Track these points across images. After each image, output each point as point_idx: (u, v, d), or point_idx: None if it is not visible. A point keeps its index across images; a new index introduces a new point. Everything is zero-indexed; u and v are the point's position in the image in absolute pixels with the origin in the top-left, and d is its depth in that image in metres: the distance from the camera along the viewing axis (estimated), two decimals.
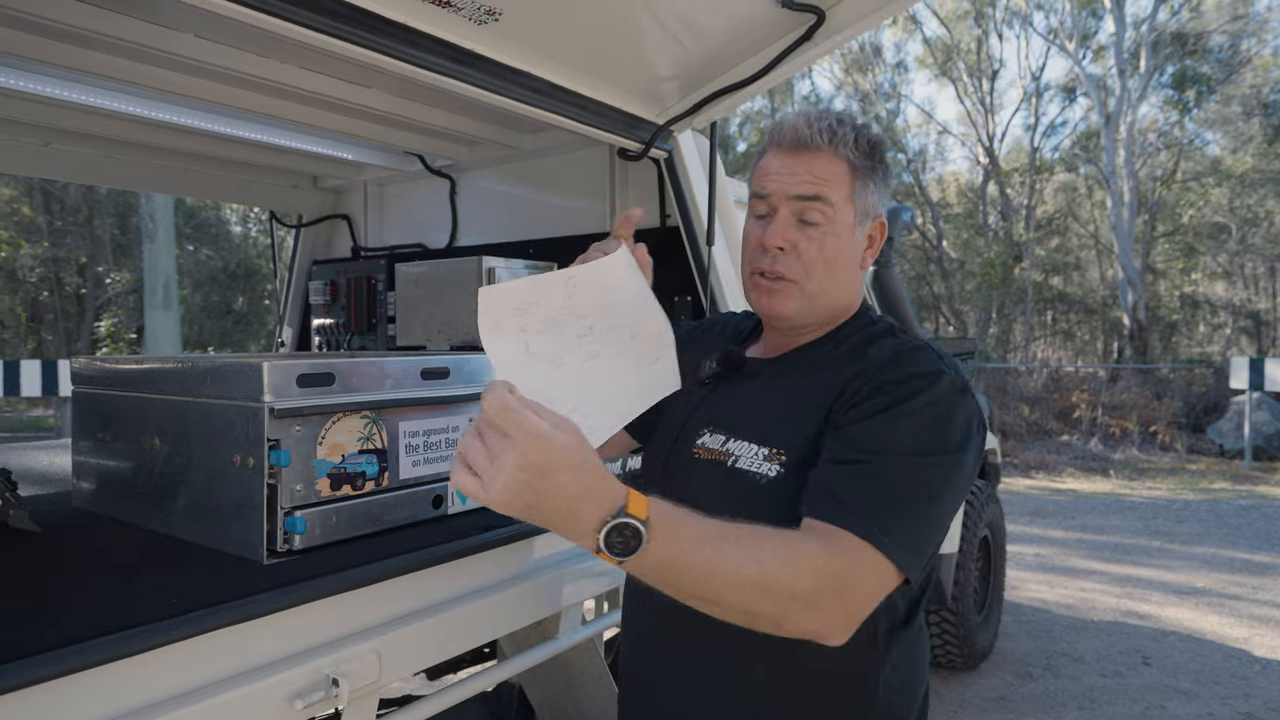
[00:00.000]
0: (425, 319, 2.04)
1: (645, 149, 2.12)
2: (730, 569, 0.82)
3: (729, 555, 0.82)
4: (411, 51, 1.51)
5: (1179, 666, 4.15)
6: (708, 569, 0.82)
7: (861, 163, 1.10)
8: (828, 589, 0.86)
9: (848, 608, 0.88)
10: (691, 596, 0.84)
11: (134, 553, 1.25)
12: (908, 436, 0.96)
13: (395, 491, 1.36)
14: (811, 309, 1.12)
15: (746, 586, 0.83)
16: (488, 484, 0.74)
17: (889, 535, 0.90)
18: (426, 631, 1.23)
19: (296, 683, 1.04)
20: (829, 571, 0.86)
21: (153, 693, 0.93)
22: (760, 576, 0.83)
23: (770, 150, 1.14)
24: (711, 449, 1.11)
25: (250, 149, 2.69)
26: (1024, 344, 18.79)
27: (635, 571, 0.81)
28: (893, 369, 1.02)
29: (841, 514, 0.90)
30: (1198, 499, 8.64)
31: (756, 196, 1.14)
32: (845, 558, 0.88)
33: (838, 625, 0.88)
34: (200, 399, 1.28)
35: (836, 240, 1.10)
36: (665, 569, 0.81)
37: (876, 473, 0.94)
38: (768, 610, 0.85)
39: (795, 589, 0.84)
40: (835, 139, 1.09)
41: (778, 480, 1.02)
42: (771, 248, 1.10)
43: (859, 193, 1.10)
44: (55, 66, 1.87)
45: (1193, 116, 18.14)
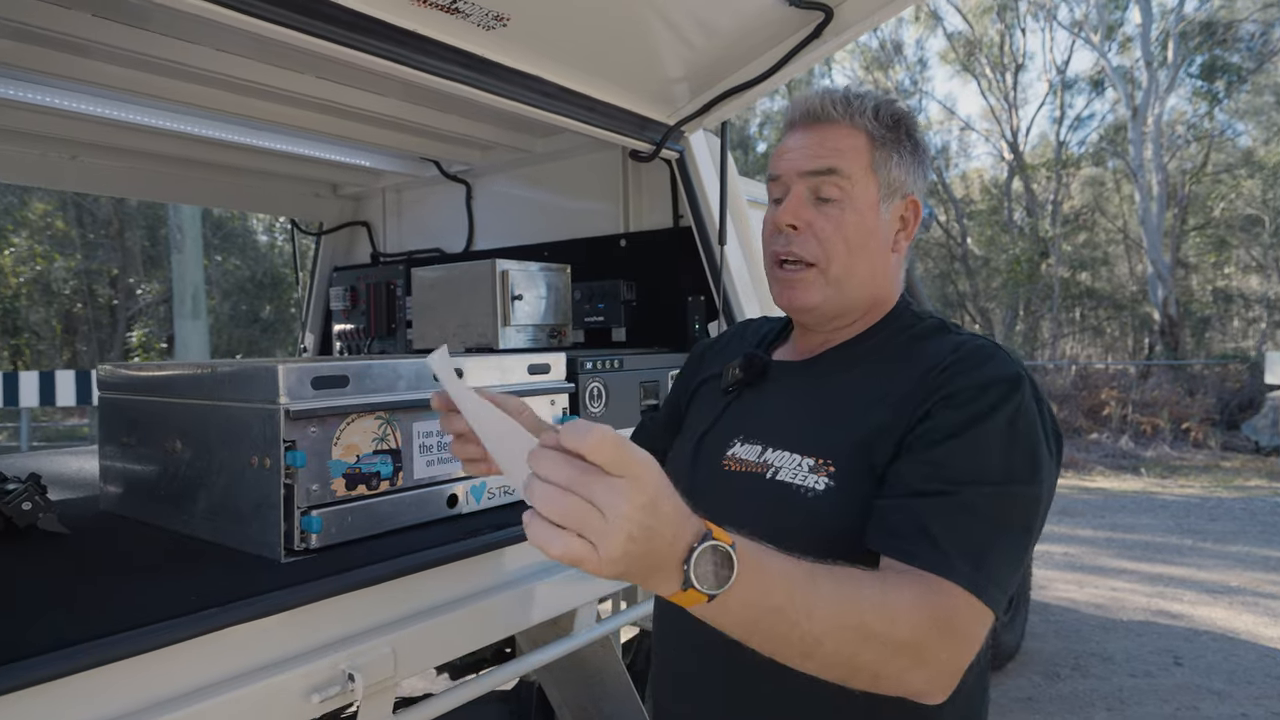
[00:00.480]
0: (441, 322, 2.07)
1: (656, 150, 2.13)
2: (826, 611, 0.72)
3: (825, 593, 0.73)
4: (422, 58, 1.54)
5: (1212, 666, 4.07)
6: (803, 608, 0.71)
7: (882, 134, 1.02)
8: (930, 640, 0.76)
9: (952, 662, 0.79)
10: (782, 643, 0.72)
11: (156, 553, 1.28)
12: (998, 460, 0.86)
13: (410, 491, 1.38)
14: (839, 297, 1.03)
15: (846, 633, 0.73)
16: (605, 542, 0.61)
17: (988, 578, 0.80)
18: (441, 628, 1.25)
19: (313, 677, 1.06)
20: (931, 620, 0.77)
21: (173, 686, 0.95)
22: (859, 622, 0.73)
23: (787, 132, 1.07)
24: (746, 460, 1.02)
25: (271, 158, 2.74)
26: (1051, 341, 18.54)
27: (717, 615, 0.69)
28: (964, 374, 0.91)
29: (938, 558, 0.80)
30: (1232, 497, 8.47)
31: (771, 179, 1.06)
32: (945, 606, 0.78)
33: (941, 682, 0.78)
34: (219, 402, 1.31)
35: (858, 217, 1.01)
36: (753, 607, 0.69)
37: (968, 505, 0.83)
38: (867, 661, 0.74)
39: (895, 638, 0.74)
40: (850, 109, 1.01)
41: (827, 494, 0.92)
42: (784, 227, 1.02)
43: (880, 164, 1.01)
44: (81, 82, 1.92)
45: (1223, 107, 17.80)
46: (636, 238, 2.46)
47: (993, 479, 0.85)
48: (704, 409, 1.17)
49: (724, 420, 1.10)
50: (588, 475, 0.62)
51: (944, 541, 0.81)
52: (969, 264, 20.20)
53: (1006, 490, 0.85)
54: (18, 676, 0.82)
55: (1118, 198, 20.27)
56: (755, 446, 1.02)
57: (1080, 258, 19.71)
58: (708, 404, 1.17)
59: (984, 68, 20.09)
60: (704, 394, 1.20)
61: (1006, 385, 0.90)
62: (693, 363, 1.29)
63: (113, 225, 16.22)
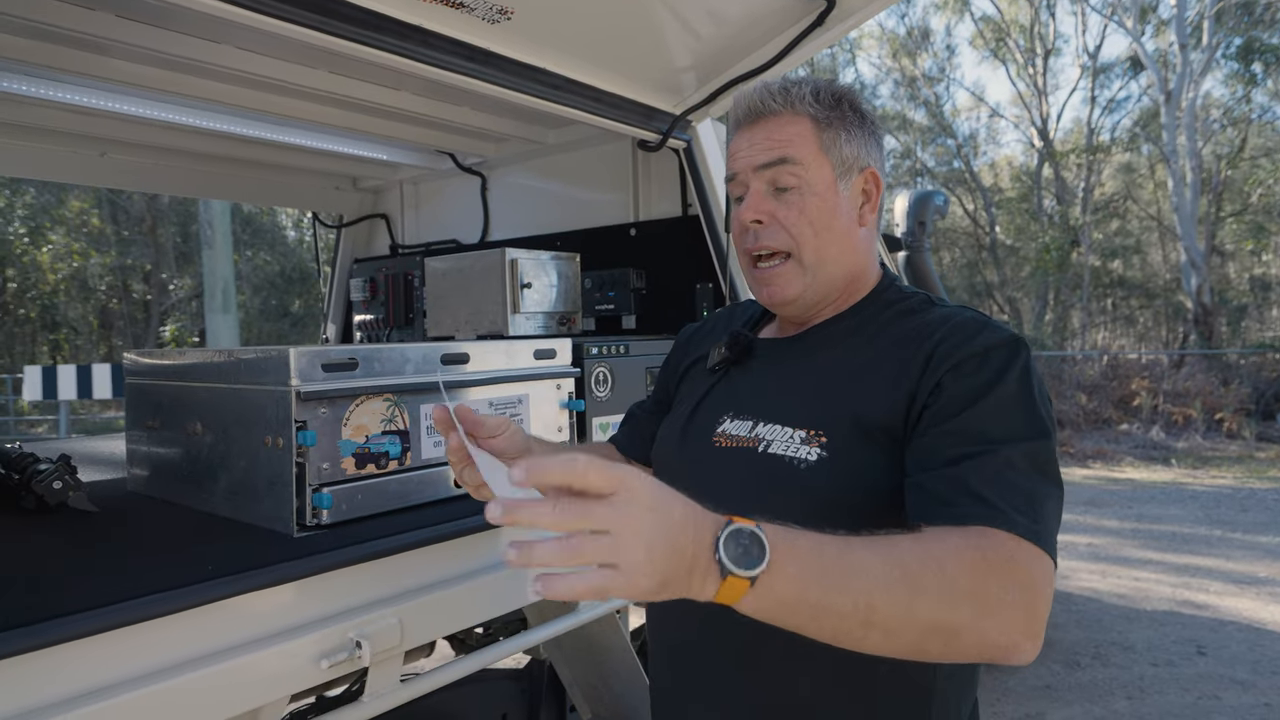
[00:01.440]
0: (454, 311, 2.12)
1: (663, 139, 2.17)
2: (872, 572, 0.71)
3: (862, 556, 0.72)
4: (429, 53, 1.59)
5: (1236, 656, 4.03)
6: (846, 573, 0.70)
7: (825, 114, 1.04)
8: (990, 584, 0.74)
9: (1029, 609, 0.75)
10: (837, 618, 0.70)
11: (177, 528, 1.34)
12: (1022, 418, 0.88)
13: (417, 471, 1.44)
14: (816, 283, 1.05)
15: (896, 590, 0.70)
16: (627, 559, 0.61)
17: (1045, 528, 0.80)
18: (447, 601, 1.31)
19: (323, 644, 1.12)
20: (985, 562, 0.75)
21: (188, 650, 1.01)
22: (904, 574, 0.71)
23: (734, 133, 1.08)
24: (737, 436, 1.03)
25: (292, 153, 2.82)
26: (1082, 331, 18.24)
27: (765, 602, 0.68)
28: (963, 344, 0.93)
29: (992, 513, 0.79)
30: (1265, 488, 8.30)
31: (729, 181, 1.09)
32: (1000, 551, 0.76)
33: (1022, 630, 0.74)
34: (236, 386, 1.37)
35: (818, 199, 1.03)
36: (797, 582, 0.68)
37: (1010, 462, 0.84)
38: (928, 616, 0.72)
39: (950, 585, 0.72)
40: (789, 97, 1.03)
41: (820, 464, 0.93)
42: (749, 223, 1.05)
43: (829, 145, 1.03)
44: (108, 81, 2.00)
45: (1264, 88, 17.33)
46: (646, 226, 2.50)
47: (1023, 435, 0.87)
48: (692, 389, 1.19)
49: (712, 398, 1.12)
50: (579, 505, 0.61)
51: (995, 498, 0.80)
52: (997, 253, 19.92)
53: (1036, 445, 0.86)
54: (39, 637, 0.88)
55: (1151, 184, 19.86)
56: (746, 422, 1.03)
57: (1112, 246, 19.35)
58: (695, 384, 1.19)
59: (1014, 53, 19.77)
60: (692, 375, 1.21)
61: (1007, 349, 0.92)
62: (679, 348, 1.31)
63: (146, 222, 16.58)
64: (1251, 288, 18.29)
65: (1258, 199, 17.43)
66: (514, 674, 2.07)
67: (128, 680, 0.96)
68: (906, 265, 3.56)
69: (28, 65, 1.86)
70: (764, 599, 0.68)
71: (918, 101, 21.38)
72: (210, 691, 1.02)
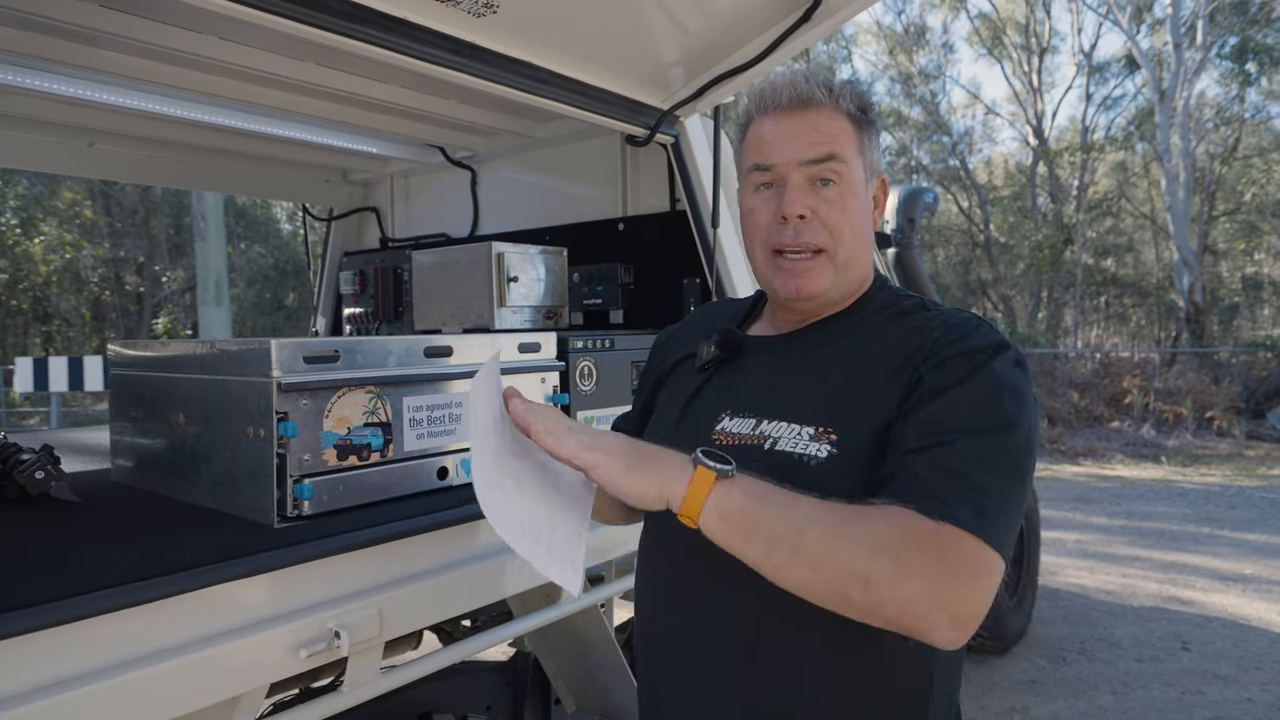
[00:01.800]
0: (440, 304, 2.13)
1: (651, 134, 2.17)
2: (808, 510, 0.80)
3: (805, 499, 0.82)
4: (414, 46, 1.59)
5: (1220, 652, 4.06)
6: (788, 503, 0.81)
7: (861, 118, 1.03)
8: (911, 550, 0.78)
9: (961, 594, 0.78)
10: (774, 543, 0.79)
11: (158, 519, 1.35)
12: (987, 409, 0.88)
13: (400, 463, 1.44)
14: (842, 280, 1.04)
15: (827, 529, 0.79)
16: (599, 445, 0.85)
17: (989, 521, 0.80)
18: (427, 592, 1.31)
19: (301, 634, 1.13)
20: (912, 531, 0.79)
21: (165, 638, 1.02)
22: (838, 521, 0.80)
23: (762, 116, 1.04)
24: (739, 434, 1.00)
25: (281, 145, 2.81)
26: (1074, 328, 18.31)
27: (721, 507, 0.81)
28: (953, 343, 0.94)
29: (936, 505, 0.80)
30: (1253, 485, 8.36)
31: (758, 169, 1.04)
32: (931, 528, 0.79)
33: (937, 601, 0.77)
34: (218, 377, 1.37)
35: (856, 200, 1.02)
36: (751, 496, 0.81)
37: (961, 453, 0.85)
38: (849, 560, 0.78)
39: (873, 538, 0.78)
40: (834, 92, 1.01)
41: (831, 461, 0.92)
42: (793, 217, 1.00)
43: (865, 147, 1.03)
44: (95, 71, 1.99)
45: (1259, 87, 17.38)
46: (634, 222, 2.50)
47: (982, 428, 0.87)
48: (679, 387, 1.16)
49: (704, 396, 1.09)
50: None
51: (939, 486, 0.82)
52: (991, 251, 19.97)
53: (995, 438, 0.87)
54: (16, 624, 0.88)
55: (1145, 183, 19.92)
56: (748, 420, 1.01)
57: (1105, 244, 19.41)
58: (682, 384, 1.16)
59: (1009, 50, 19.79)
60: (677, 375, 1.18)
61: (993, 349, 0.93)
62: (656, 353, 1.28)
63: (139, 214, 16.51)
64: (1243, 287, 18.37)
65: (1250, 198, 17.50)
66: (499, 666, 2.08)
67: (104, 668, 0.97)
68: (896, 262, 3.57)
69: (15, 55, 1.86)
70: (723, 500, 0.81)
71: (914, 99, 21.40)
72: (188, 680, 1.02)
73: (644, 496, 0.82)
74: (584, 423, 0.90)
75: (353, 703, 1.25)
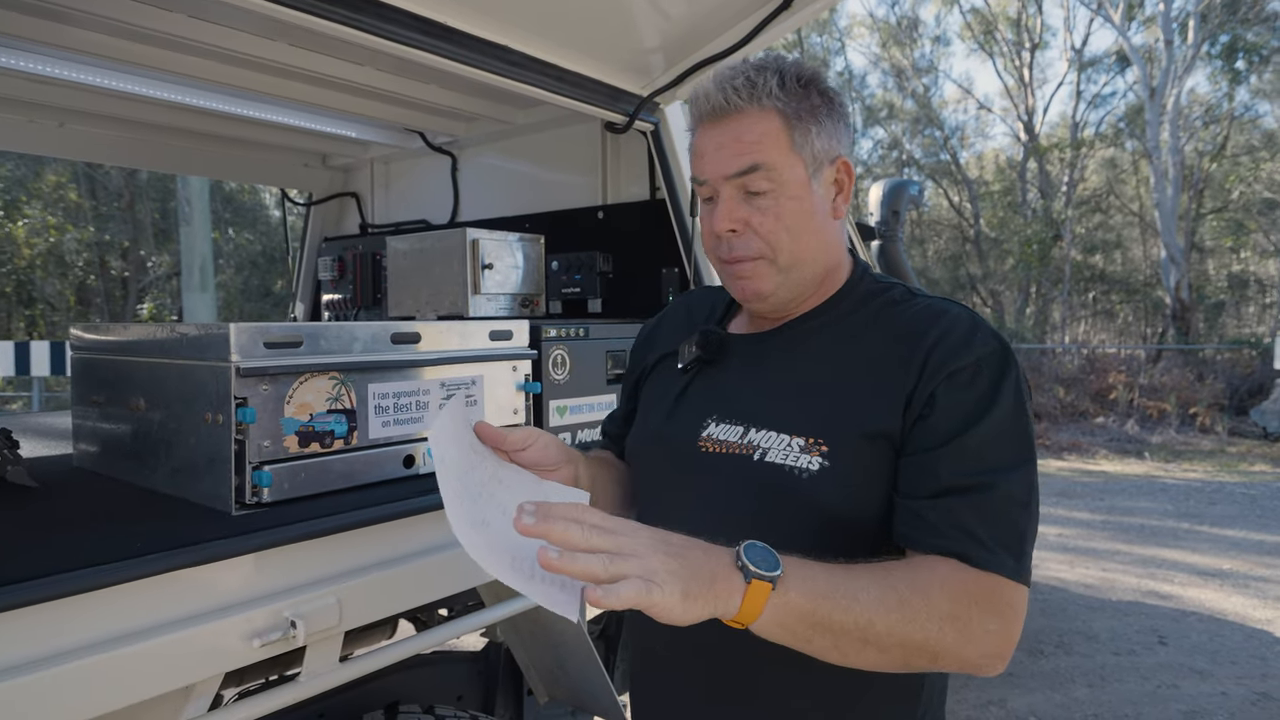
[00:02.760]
0: (415, 291, 2.10)
1: (630, 121, 2.14)
2: (869, 593, 0.77)
3: (862, 579, 0.78)
4: (384, 26, 1.56)
5: (1196, 646, 4.09)
6: (849, 592, 0.77)
7: (795, 107, 0.96)
8: (972, 613, 0.81)
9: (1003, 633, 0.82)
10: (840, 633, 0.77)
11: (114, 505, 1.32)
12: (1014, 444, 0.89)
13: (364, 450, 1.42)
14: (790, 281, 1.01)
15: (891, 612, 0.78)
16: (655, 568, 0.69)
17: (1025, 565, 0.86)
18: (390, 581, 1.29)
19: (255, 623, 1.11)
20: (967, 595, 0.81)
21: (115, 626, 1.00)
22: (899, 600, 0.78)
23: (698, 129, 1.01)
24: (727, 441, 0.99)
25: (259, 128, 2.77)
26: (1062, 324, 18.40)
27: (780, 614, 0.74)
28: (956, 351, 0.91)
29: (987, 556, 0.83)
30: (1234, 481, 8.43)
31: (695, 182, 1.03)
32: (982, 583, 0.83)
33: (996, 652, 0.82)
34: (177, 361, 1.34)
35: (793, 202, 0.97)
36: (809, 595, 0.75)
37: (1006, 497, 0.86)
38: (917, 637, 0.79)
39: (936, 610, 0.79)
40: (756, 92, 0.95)
41: (823, 474, 0.91)
42: (724, 233, 0.99)
43: (800, 141, 0.97)
44: (65, 49, 1.95)
45: (1248, 86, 17.45)
46: (614, 210, 2.48)
47: (1016, 463, 0.88)
48: (662, 388, 1.13)
49: (689, 399, 1.07)
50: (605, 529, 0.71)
51: (986, 537, 0.84)
52: (981, 246, 20.03)
53: (1026, 471, 0.88)
54: None
55: (1134, 179, 20.00)
56: (735, 427, 0.99)
57: (1093, 240, 19.50)
58: (665, 383, 1.13)
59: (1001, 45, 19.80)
60: (660, 373, 1.16)
61: (999, 359, 0.92)
62: (638, 351, 1.25)
63: (124, 198, 16.33)
64: (1229, 284, 18.51)
65: (1238, 196, 17.60)
66: (470, 656, 2.06)
67: (50, 656, 0.95)
68: (880, 254, 3.56)
69: None
70: (780, 608, 0.74)
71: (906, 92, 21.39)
72: (138, 668, 1.00)
73: (697, 619, 0.73)
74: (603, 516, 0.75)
75: (312, 692, 1.23)
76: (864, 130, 22.52)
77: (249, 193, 17.87)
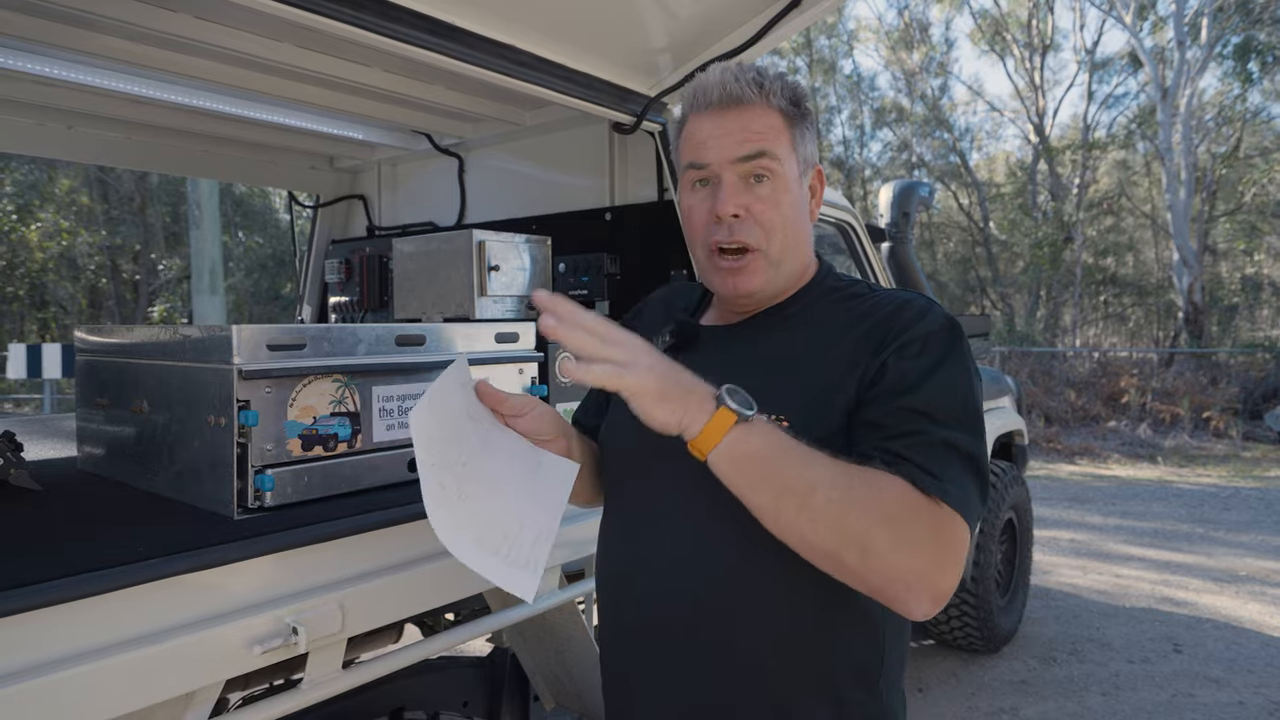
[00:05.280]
0: (421, 293, 2.08)
1: (638, 122, 2.12)
2: (823, 465, 0.83)
3: (821, 455, 0.84)
4: (389, 25, 1.54)
5: (1212, 654, 4.04)
6: (804, 456, 0.83)
7: (793, 111, 1.04)
8: (915, 528, 0.83)
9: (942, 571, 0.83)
10: (784, 490, 0.83)
11: (117, 509, 1.31)
12: (959, 406, 0.93)
13: (369, 454, 1.40)
14: (778, 276, 1.05)
15: (836, 489, 0.82)
16: (638, 361, 0.81)
17: (974, 502, 0.87)
18: (392, 587, 1.28)
19: (255, 629, 1.09)
20: (916, 509, 0.83)
21: (115, 632, 0.98)
22: (848, 482, 0.83)
23: (695, 115, 1.05)
24: None
25: (266, 130, 2.76)
26: (1073, 327, 18.27)
27: (736, 450, 0.82)
28: (908, 326, 0.97)
29: (933, 483, 0.85)
30: (1249, 486, 8.34)
31: (692, 167, 1.05)
32: (932, 509, 0.84)
33: (930, 586, 0.82)
34: (180, 364, 1.33)
35: (790, 195, 1.03)
36: (767, 440, 0.83)
37: (947, 444, 0.89)
38: (854, 525, 0.81)
39: (880, 506, 0.82)
40: (765, 89, 1.02)
41: None
42: (726, 217, 1.02)
43: (797, 141, 1.04)
44: (75, 52, 1.95)
45: (1260, 88, 17.30)
46: (622, 211, 2.46)
47: (962, 424, 0.92)
48: None
49: None
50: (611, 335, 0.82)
51: (933, 466, 0.87)
52: (991, 248, 19.92)
53: (968, 431, 0.92)
54: None
55: (1146, 181, 19.86)
56: None
57: (1105, 243, 19.36)
58: None
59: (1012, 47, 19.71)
60: None
61: (947, 334, 0.97)
62: None
63: (136, 201, 16.43)
64: (1243, 287, 18.33)
65: (1251, 199, 17.44)
66: (476, 662, 2.04)
67: (51, 662, 0.93)
68: (890, 256, 3.52)
69: None
70: (737, 444, 0.83)
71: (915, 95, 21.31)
72: (137, 675, 0.99)
73: (664, 424, 0.83)
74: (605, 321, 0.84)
75: (315, 699, 1.21)
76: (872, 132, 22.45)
77: (259, 196, 17.96)
